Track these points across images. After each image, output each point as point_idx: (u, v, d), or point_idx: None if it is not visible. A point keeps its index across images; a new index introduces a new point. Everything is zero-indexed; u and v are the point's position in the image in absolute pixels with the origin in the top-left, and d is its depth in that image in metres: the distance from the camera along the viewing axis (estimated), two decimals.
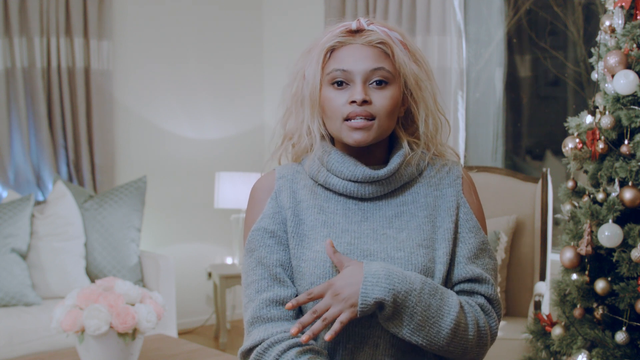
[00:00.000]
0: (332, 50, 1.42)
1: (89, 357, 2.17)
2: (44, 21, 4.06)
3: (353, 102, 1.37)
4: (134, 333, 2.18)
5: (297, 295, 1.40)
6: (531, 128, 4.23)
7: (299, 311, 1.41)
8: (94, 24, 4.21)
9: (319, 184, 1.45)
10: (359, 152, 1.44)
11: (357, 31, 1.42)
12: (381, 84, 1.39)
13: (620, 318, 2.30)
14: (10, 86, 4.02)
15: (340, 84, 1.40)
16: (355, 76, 1.39)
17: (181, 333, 4.59)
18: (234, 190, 4.43)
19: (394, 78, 1.40)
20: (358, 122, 1.37)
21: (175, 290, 4.12)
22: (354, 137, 1.38)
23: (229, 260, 4.83)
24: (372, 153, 1.45)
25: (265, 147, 5.07)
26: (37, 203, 3.94)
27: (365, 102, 1.37)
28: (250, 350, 1.37)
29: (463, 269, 1.42)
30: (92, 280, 3.69)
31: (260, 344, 1.35)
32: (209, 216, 4.79)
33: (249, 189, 4.39)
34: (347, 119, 1.39)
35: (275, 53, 5.03)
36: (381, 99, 1.38)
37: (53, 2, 4.07)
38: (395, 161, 1.43)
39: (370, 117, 1.38)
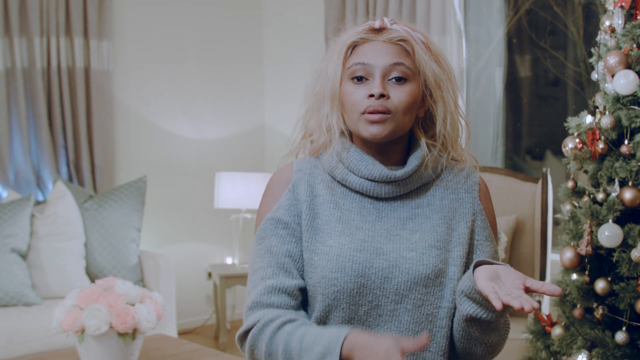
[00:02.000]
0: (354, 46, 1.45)
1: (89, 357, 2.17)
2: (44, 21, 4.06)
3: (371, 95, 1.38)
4: (134, 333, 2.18)
5: (302, 288, 1.41)
6: (531, 128, 4.24)
7: (301, 301, 1.41)
8: (94, 24, 4.21)
9: (336, 181, 1.47)
10: (377, 151, 1.45)
11: (380, 30, 1.44)
12: (400, 80, 1.40)
13: (620, 318, 2.30)
14: (10, 86, 4.02)
15: (360, 79, 1.41)
16: (375, 70, 1.40)
17: (181, 333, 4.59)
18: (234, 190, 4.42)
19: (413, 75, 1.42)
20: (375, 115, 1.38)
21: (175, 290, 4.12)
22: (370, 131, 1.39)
23: (229, 260, 4.83)
24: (390, 152, 1.45)
25: (266, 147, 5.08)
26: (37, 203, 3.94)
27: (382, 96, 1.38)
28: (246, 332, 1.38)
29: None
30: (92, 280, 3.69)
31: (255, 325, 1.37)
32: (209, 216, 4.79)
33: (249, 189, 4.43)
34: (364, 113, 1.40)
35: (275, 53, 5.02)
36: (399, 94, 1.39)
37: (53, 2, 4.07)
38: (412, 163, 1.44)
39: (388, 112, 1.38)
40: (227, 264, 4.69)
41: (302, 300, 1.42)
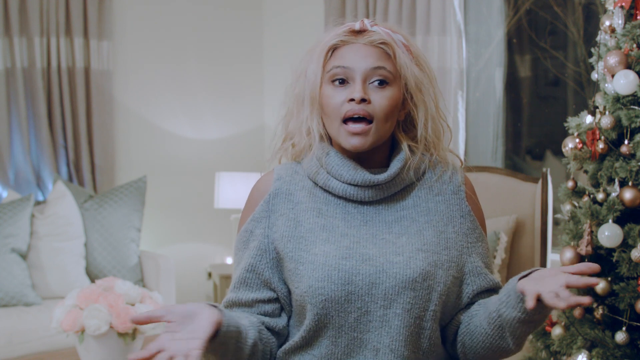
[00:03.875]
0: (334, 49, 1.42)
1: (89, 357, 2.17)
2: (44, 21, 4.06)
3: (352, 100, 1.37)
4: (134, 333, 2.18)
5: (263, 300, 1.46)
6: (531, 128, 4.24)
7: (272, 309, 1.45)
8: (94, 24, 4.21)
9: (318, 186, 1.45)
10: (358, 155, 1.43)
11: (360, 32, 1.42)
12: (382, 84, 1.39)
13: (620, 318, 2.30)
14: (10, 86, 4.02)
15: (341, 82, 1.39)
16: (356, 74, 1.38)
17: None
18: (234, 190, 4.42)
19: (394, 79, 1.40)
20: (356, 127, 1.36)
21: (175, 290, 4.12)
22: (352, 143, 1.38)
23: (229, 260, 4.83)
24: (372, 156, 1.44)
25: (266, 147, 5.07)
26: (37, 203, 3.94)
27: (363, 100, 1.36)
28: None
29: (485, 279, 1.44)
30: (92, 280, 3.68)
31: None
32: (209, 216, 4.79)
33: (249, 189, 4.41)
34: (345, 121, 1.38)
35: (275, 53, 5.02)
36: (380, 99, 1.38)
37: (53, 2, 4.07)
38: (395, 166, 1.43)
39: (369, 117, 1.37)
40: (227, 264, 4.69)
41: (275, 308, 1.45)
